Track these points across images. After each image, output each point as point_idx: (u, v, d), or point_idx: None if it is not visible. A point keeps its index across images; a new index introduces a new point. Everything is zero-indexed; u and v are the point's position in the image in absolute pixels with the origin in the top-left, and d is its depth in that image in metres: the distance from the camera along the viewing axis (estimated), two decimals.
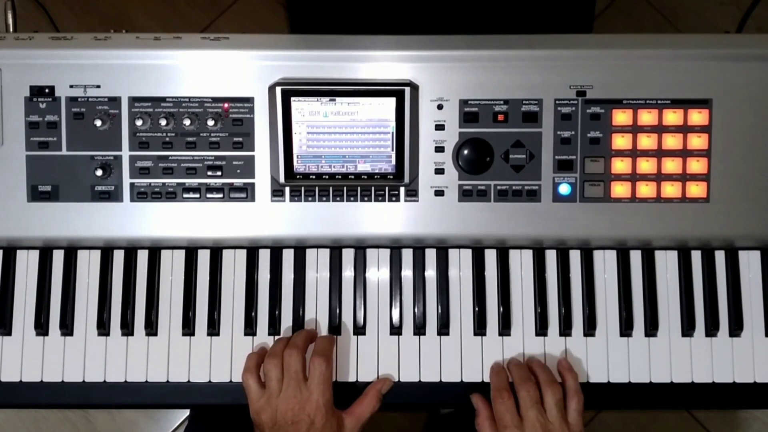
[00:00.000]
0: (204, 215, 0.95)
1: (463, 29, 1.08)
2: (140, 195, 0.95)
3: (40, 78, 0.93)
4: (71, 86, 0.93)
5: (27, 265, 0.98)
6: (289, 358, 0.89)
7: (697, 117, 0.94)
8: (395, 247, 0.99)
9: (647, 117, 0.94)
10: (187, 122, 0.93)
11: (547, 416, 0.88)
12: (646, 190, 0.95)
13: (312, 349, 0.93)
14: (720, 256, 0.99)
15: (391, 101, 0.91)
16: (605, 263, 0.99)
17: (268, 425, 0.88)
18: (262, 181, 0.95)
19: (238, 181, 0.95)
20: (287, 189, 0.95)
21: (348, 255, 0.99)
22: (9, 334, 0.97)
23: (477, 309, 0.97)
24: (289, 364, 0.89)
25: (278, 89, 0.91)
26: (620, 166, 0.95)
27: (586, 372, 0.97)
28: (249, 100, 0.94)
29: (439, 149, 0.94)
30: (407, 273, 0.99)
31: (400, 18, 1.40)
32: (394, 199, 0.95)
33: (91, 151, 0.94)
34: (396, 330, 0.97)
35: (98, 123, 0.93)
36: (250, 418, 0.91)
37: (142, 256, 0.99)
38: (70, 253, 0.98)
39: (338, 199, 0.95)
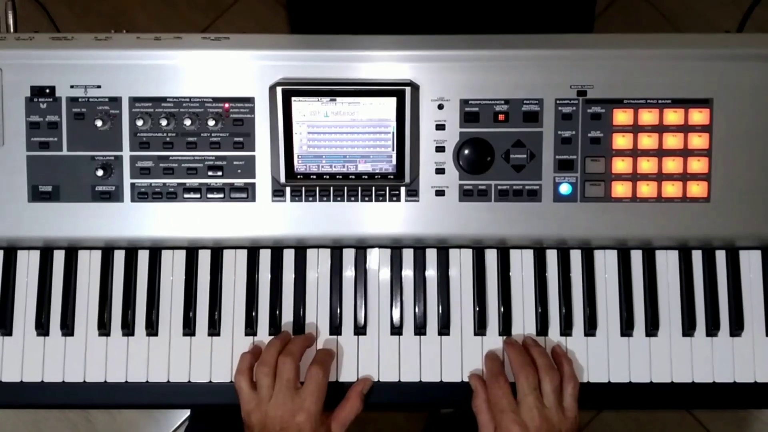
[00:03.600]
0: (204, 215, 0.95)
1: (463, 29, 1.08)
2: (141, 195, 0.95)
3: (40, 78, 0.93)
4: (72, 86, 0.93)
5: (28, 265, 0.98)
6: (283, 365, 0.89)
7: (698, 116, 0.94)
8: (396, 247, 0.99)
9: (648, 117, 0.94)
10: (187, 122, 0.93)
11: (544, 402, 0.88)
12: (646, 189, 0.95)
13: (307, 355, 0.94)
14: (721, 256, 0.99)
15: (392, 101, 0.91)
16: (606, 263, 0.99)
17: (257, 428, 0.88)
18: (262, 181, 0.95)
19: (238, 181, 0.95)
20: (288, 189, 0.95)
21: (348, 255, 0.99)
22: (10, 334, 0.97)
23: (477, 309, 0.97)
24: (282, 371, 0.89)
25: (279, 89, 0.91)
26: (621, 165, 0.95)
27: (587, 372, 0.97)
28: (249, 100, 0.94)
29: (440, 149, 0.94)
30: (408, 273, 0.99)
31: (400, 18, 1.40)
32: (394, 199, 0.95)
33: (92, 152, 0.94)
34: (396, 330, 0.97)
35: (99, 123, 0.93)
36: None
37: (143, 257, 0.99)
38: (71, 253, 0.98)
39: (339, 199, 0.95)
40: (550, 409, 0.88)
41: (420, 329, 0.97)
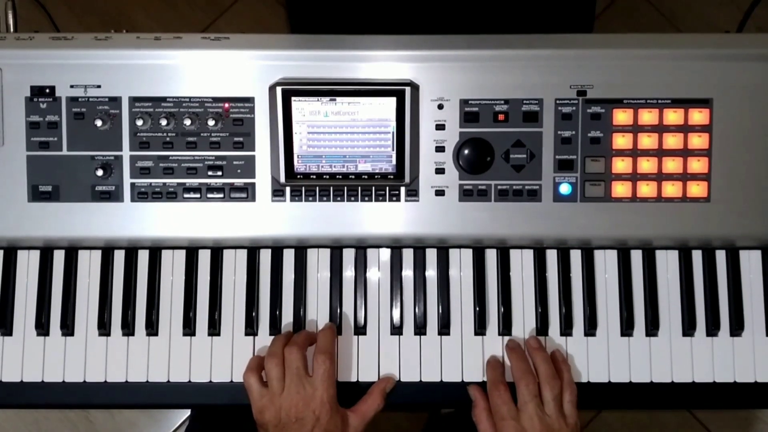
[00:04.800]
0: (204, 215, 0.95)
1: (463, 29, 1.08)
2: (141, 195, 0.95)
3: (40, 78, 0.93)
4: (72, 86, 0.93)
5: (28, 265, 0.98)
6: (290, 355, 0.89)
7: (698, 116, 0.94)
8: (396, 247, 0.99)
9: (648, 116, 0.94)
10: (187, 122, 0.93)
11: (545, 409, 0.88)
12: (646, 189, 0.95)
13: (313, 347, 0.93)
14: (721, 256, 0.99)
15: (392, 101, 0.91)
16: (606, 263, 0.99)
17: (272, 424, 0.88)
18: (262, 181, 0.95)
19: (238, 181, 0.95)
20: (288, 189, 0.95)
21: (348, 255, 0.99)
22: (10, 334, 0.97)
23: (477, 309, 0.97)
24: (290, 361, 0.89)
25: (278, 89, 0.91)
26: (621, 165, 0.95)
27: (587, 372, 0.97)
28: (249, 100, 0.94)
29: (440, 149, 0.94)
30: (408, 273, 0.98)
31: (400, 18, 1.40)
32: (394, 198, 0.95)
33: (92, 151, 0.94)
34: (397, 330, 0.97)
35: (99, 123, 0.93)
36: (250, 418, 0.91)
37: (143, 256, 0.99)
38: (71, 253, 0.98)
39: (339, 199, 0.95)
40: (551, 417, 0.88)
41: (420, 329, 0.97)
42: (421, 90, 0.93)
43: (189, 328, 0.97)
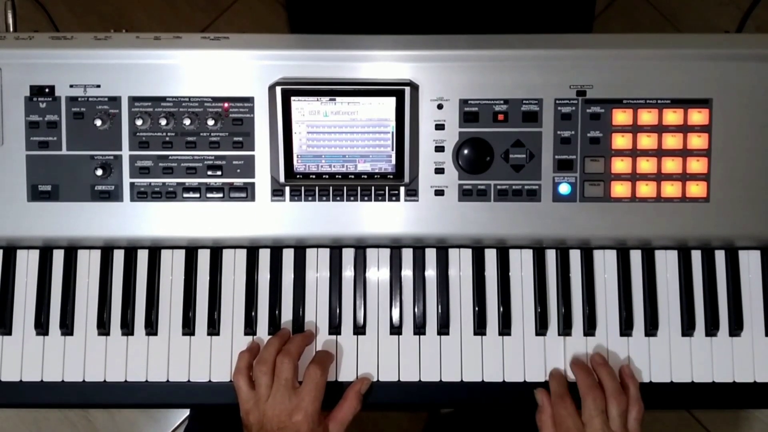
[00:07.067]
0: (204, 215, 0.95)
1: (463, 29, 1.08)
2: (140, 195, 0.95)
3: (40, 78, 0.93)
4: (71, 86, 0.93)
5: (27, 264, 0.98)
6: (281, 365, 0.90)
7: (697, 117, 0.94)
8: (395, 247, 0.99)
9: (647, 117, 0.94)
10: (187, 122, 0.93)
11: (611, 425, 0.88)
12: (646, 189, 0.95)
13: (306, 354, 0.94)
14: (720, 256, 0.99)
15: (391, 101, 0.91)
16: (605, 263, 0.99)
17: (255, 427, 0.89)
18: (262, 180, 0.95)
19: (238, 181, 0.95)
20: (287, 189, 0.95)
21: (348, 255, 0.99)
22: (9, 333, 0.97)
23: (477, 309, 0.97)
24: (281, 371, 0.89)
25: (278, 89, 0.91)
26: (620, 165, 0.95)
27: None
28: (249, 99, 0.94)
29: (439, 149, 0.94)
30: (407, 273, 0.99)
31: (400, 18, 1.40)
32: (394, 198, 0.95)
33: (91, 151, 0.94)
34: (396, 330, 0.97)
35: (98, 123, 0.93)
36: None
37: (142, 256, 0.99)
38: (70, 252, 0.98)
39: (338, 198, 0.95)
40: None
41: (419, 329, 0.97)
42: (420, 90, 0.93)
43: (188, 327, 0.97)
